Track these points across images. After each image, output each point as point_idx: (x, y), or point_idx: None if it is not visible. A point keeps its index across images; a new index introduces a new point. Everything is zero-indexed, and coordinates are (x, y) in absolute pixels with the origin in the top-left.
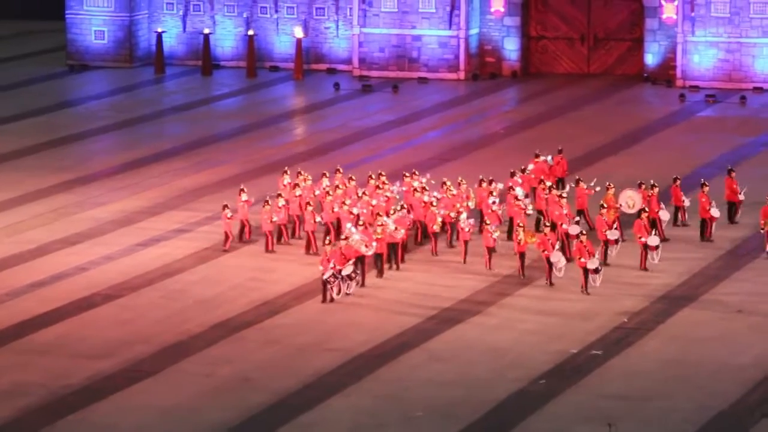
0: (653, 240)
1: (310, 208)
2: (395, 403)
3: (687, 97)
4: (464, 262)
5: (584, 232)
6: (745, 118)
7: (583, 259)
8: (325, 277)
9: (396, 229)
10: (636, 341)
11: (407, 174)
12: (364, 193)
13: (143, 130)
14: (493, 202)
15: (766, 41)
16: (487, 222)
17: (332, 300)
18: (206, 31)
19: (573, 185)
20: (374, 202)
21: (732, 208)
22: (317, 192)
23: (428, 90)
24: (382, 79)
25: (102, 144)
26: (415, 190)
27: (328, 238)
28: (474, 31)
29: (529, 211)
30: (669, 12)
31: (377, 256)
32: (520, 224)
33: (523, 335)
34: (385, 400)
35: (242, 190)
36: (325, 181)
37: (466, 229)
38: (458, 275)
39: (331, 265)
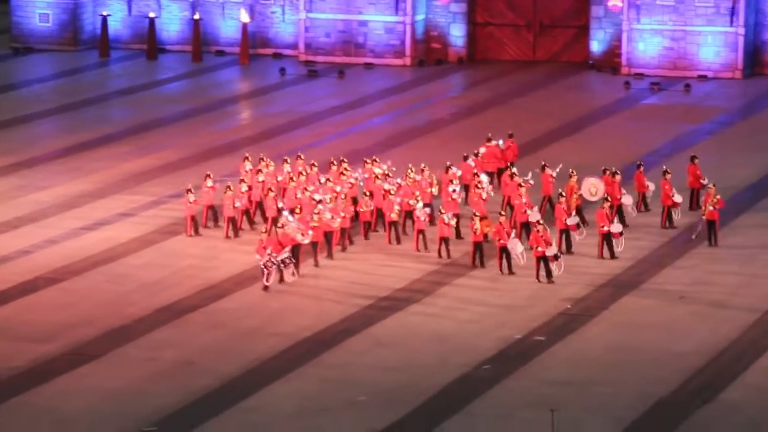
0: (616, 227)
1: (272, 194)
2: (339, 387)
3: (632, 85)
4: (417, 250)
5: (541, 221)
6: (689, 105)
7: (540, 249)
8: (261, 264)
9: (332, 218)
10: (579, 328)
11: (368, 160)
12: (327, 179)
13: (87, 113)
14: (453, 190)
15: (710, 29)
16: (441, 211)
17: (267, 288)
18: (152, 14)
19: (538, 171)
20: (338, 188)
21: (693, 195)
22: (279, 178)
23: (374, 76)
24: (328, 65)
25: (46, 127)
26: (376, 177)
27: (264, 226)
28: (420, 17)
29: (489, 193)
30: (614, 0)
31: (313, 245)
32: (476, 213)
33: (467, 321)
34: (329, 384)
35: (208, 175)
36: (287, 167)
37: (422, 218)
38: (402, 262)
39: (268, 251)
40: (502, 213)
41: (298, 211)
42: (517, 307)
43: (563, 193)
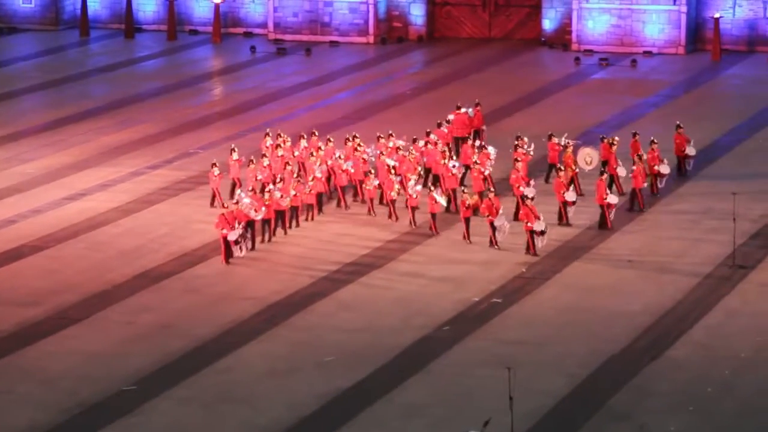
0: (612, 199)
1: (289, 167)
2: (308, 349)
3: (582, 61)
4: (413, 225)
5: (532, 196)
6: (635, 80)
7: (529, 223)
8: (230, 238)
9: (281, 197)
10: (534, 290)
11: (382, 135)
12: (339, 156)
13: (69, 90)
14: (453, 165)
15: (655, 8)
16: (431, 188)
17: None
18: None
19: (545, 140)
20: (344, 165)
21: (680, 162)
22: (296, 153)
23: (339, 53)
24: (296, 43)
25: (30, 103)
26: (380, 153)
27: (228, 202)
28: None
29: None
30: None
31: (266, 222)
32: (464, 189)
33: (428, 285)
34: (298, 346)
35: (233, 149)
36: (303, 143)
37: (414, 196)
38: (366, 230)
39: (238, 225)
40: (491, 189)
41: (250, 189)
42: (474, 271)
43: (561, 167)
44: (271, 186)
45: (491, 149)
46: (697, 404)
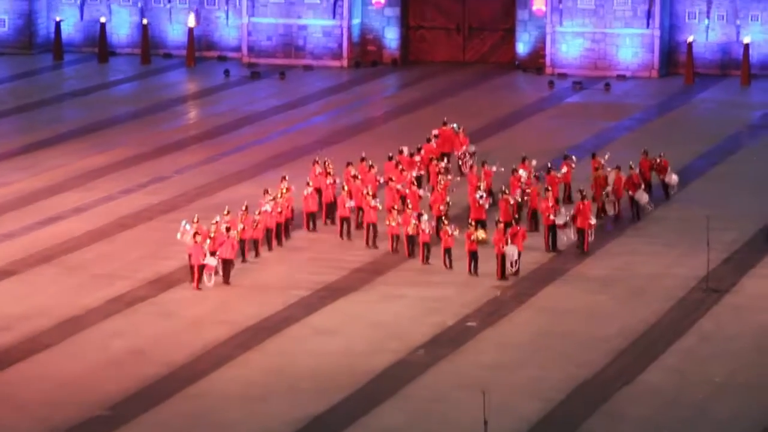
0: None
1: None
2: (281, 373)
3: (555, 84)
4: (423, 262)
5: (564, 222)
6: (609, 103)
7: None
8: (211, 264)
9: (227, 229)
10: (508, 314)
11: (435, 159)
12: (368, 192)
13: (42, 114)
14: (481, 196)
15: (628, 32)
16: (445, 222)
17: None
18: (102, 19)
19: (589, 158)
20: (373, 202)
21: (664, 187)
22: (332, 181)
23: (313, 77)
24: (270, 66)
25: (3, 127)
26: (411, 182)
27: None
28: (356, 20)
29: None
30: (538, 4)
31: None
32: (471, 222)
33: (403, 309)
34: (272, 371)
35: (283, 177)
36: (353, 170)
37: (426, 231)
38: (340, 254)
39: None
40: (500, 220)
41: (194, 219)
42: (449, 294)
43: (585, 192)
44: (217, 218)
45: (522, 172)
46: (672, 429)
